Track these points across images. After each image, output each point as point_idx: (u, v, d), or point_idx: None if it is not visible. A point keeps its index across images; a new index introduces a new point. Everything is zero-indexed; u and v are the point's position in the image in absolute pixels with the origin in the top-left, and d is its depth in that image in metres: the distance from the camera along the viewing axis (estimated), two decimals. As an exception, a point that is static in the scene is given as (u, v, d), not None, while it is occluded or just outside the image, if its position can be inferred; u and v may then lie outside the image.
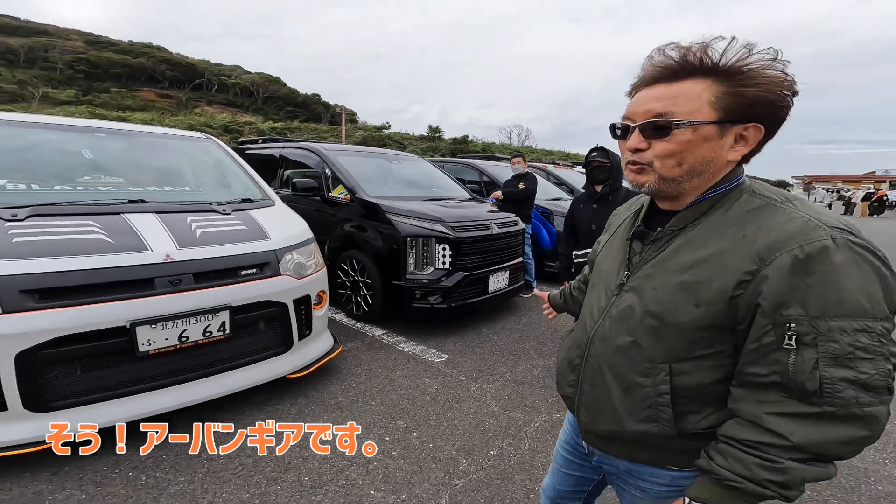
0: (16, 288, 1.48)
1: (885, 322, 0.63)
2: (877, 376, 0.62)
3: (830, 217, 0.67)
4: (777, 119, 0.70)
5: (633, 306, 0.79)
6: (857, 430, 0.63)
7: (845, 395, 0.62)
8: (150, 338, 1.72)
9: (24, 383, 1.51)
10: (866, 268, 0.63)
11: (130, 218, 1.89)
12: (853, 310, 0.62)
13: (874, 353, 0.62)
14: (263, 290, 2.09)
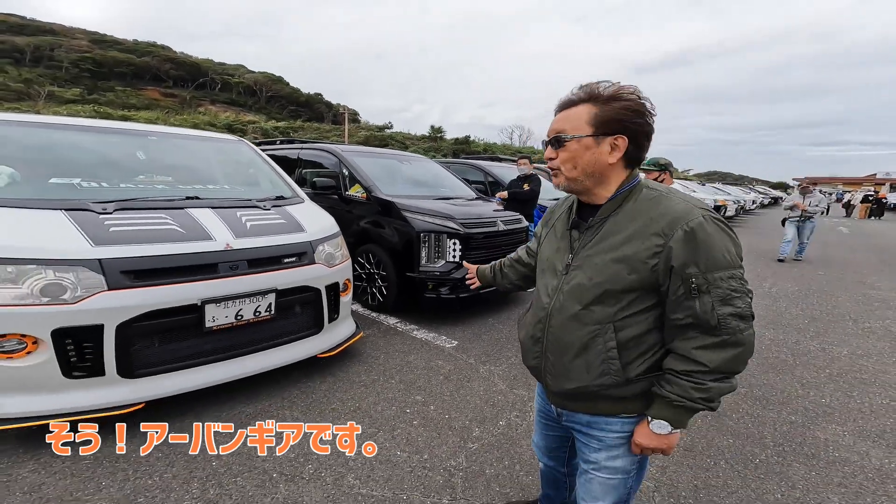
0: (118, 269, 1.76)
1: (740, 269, 0.91)
2: (744, 308, 0.89)
3: (698, 202, 0.94)
4: (638, 132, 0.95)
5: (582, 281, 0.99)
6: (743, 349, 0.90)
7: (733, 325, 0.88)
8: (214, 315, 1.99)
9: (119, 352, 1.79)
10: (724, 234, 0.91)
11: (192, 212, 2.18)
12: (725, 263, 0.89)
13: (741, 291, 0.89)
14: (302, 276, 2.37)
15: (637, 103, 0.94)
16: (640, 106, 0.94)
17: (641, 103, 0.95)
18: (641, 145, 0.98)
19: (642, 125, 0.95)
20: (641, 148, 0.98)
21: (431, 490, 1.78)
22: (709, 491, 1.84)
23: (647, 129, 0.96)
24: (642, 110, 0.95)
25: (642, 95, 0.96)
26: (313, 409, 2.33)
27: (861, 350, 3.57)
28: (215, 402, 2.28)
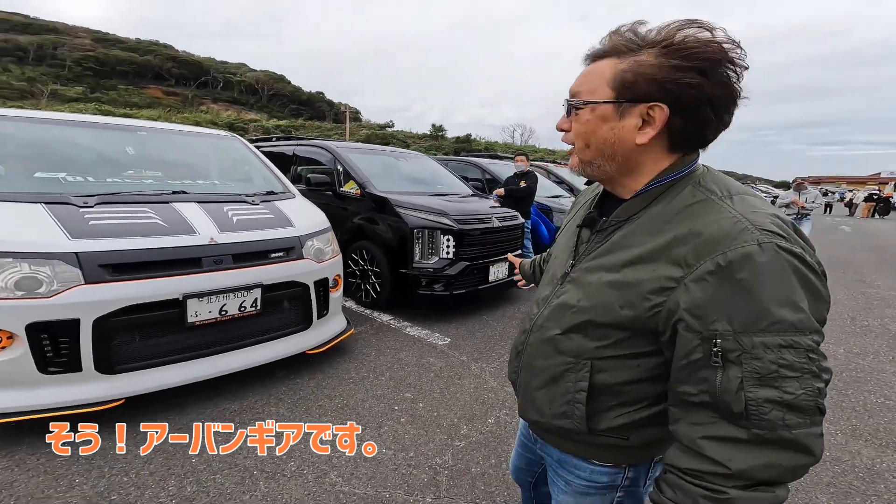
0: (95, 262, 1.75)
1: (814, 336, 0.58)
2: (803, 396, 0.56)
3: (764, 217, 0.60)
4: (691, 98, 0.62)
5: (569, 300, 0.76)
6: (791, 454, 0.58)
7: (771, 417, 0.57)
8: (197, 310, 1.98)
9: (96, 347, 1.77)
10: (792, 277, 0.57)
11: (177, 206, 2.16)
12: (777, 324, 0.56)
13: (800, 370, 0.56)
14: (289, 271, 2.35)
15: (700, 51, 0.60)
16: (704, 54, 0.60)
17: (708, 52, 0.60)
18: (700, 119, 0.64)
19: (702, 87, 0.61)
20: (701, 124, 0.64)
21: (415, 488, 1.77)
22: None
23: (714, 94, 0.62)
24: (708, 63, 0.61)
25: (715, 37, 0.61)
26: (300, 405, 2.31)
27: (858, 348, 3.53)
28: (200, 398, 2.26)
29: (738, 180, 4.11)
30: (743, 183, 4.29)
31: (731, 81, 0.62)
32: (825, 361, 0.59)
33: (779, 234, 0.58)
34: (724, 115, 0.65)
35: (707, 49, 0.61)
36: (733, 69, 0.62)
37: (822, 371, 0.58)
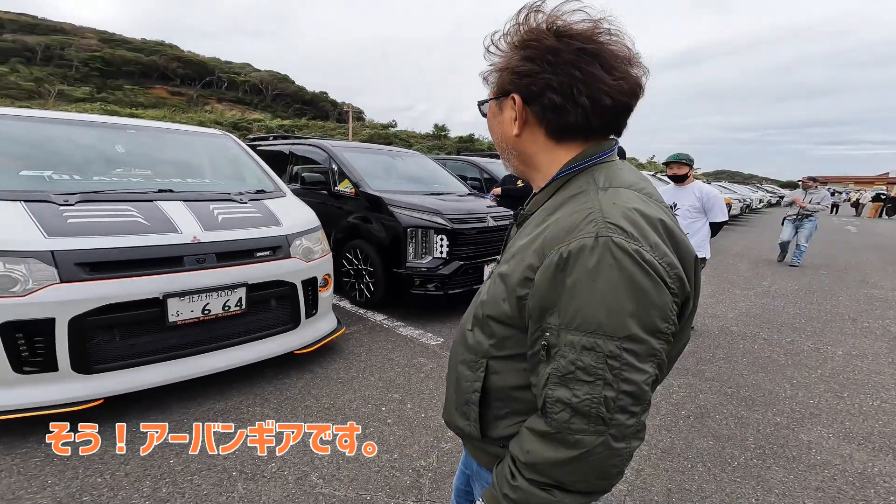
0: (72, 261, 1.74)
1: (623, 342, 0.53)
2: (587, 402, 0.54)
3: (619, 209, 0.57)
4: (527, 87, 0.62)
5: (480, 293, 0.74)
6: (561, 450, 0.57)
7: (559, 418, 0.56)
8: (178, 309, 1.97)
9: (73, 347, 1.76)
10: (617, 275, 0.53)
11: (162, 205, 2.15)
12: (586, 323, 0.54)
13: (594, 375, 0.54)
14: (275, 270, 2.34)
15: (528, 39, 0.62)
16: (531, 42, 0.61)
17: (535, 38, 0.61)
18: (548, 105, 0.62)
19: (536, 73, 0.61)
20: (554, 109, 0.62)
21: (397, 491, 1.75)
22: (682, 495, 1.78)
23: (550, 79, 0.60)
24: (535, 50, 0.61)
25: (548, 22, 0.61)
26: (286, 406, 2.30)
27: (857, 350, 3.47)
28: (182, 398, 2.25)
29: (744, 181, 4.02)
30: (748, 183, 4.21)
31: (566, 66, 0.60)
32: (635, 373, 0.54)
33: (622, 228, 0.55)
34: (577, 98, 0.60)
35: (534, 36, 0.61)
36: (558, 57, 0.60)
37: (622, 381, 0.53)
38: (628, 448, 0.57)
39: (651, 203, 0.61)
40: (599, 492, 0.60)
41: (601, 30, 0.61)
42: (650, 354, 0.55)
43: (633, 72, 0.62)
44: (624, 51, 0.61)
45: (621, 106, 0.62)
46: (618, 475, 0.59)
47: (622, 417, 0.55)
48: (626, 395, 0.54)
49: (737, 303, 4.70)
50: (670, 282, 0.55)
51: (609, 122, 0.65)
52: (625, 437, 0.56)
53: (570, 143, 0.66)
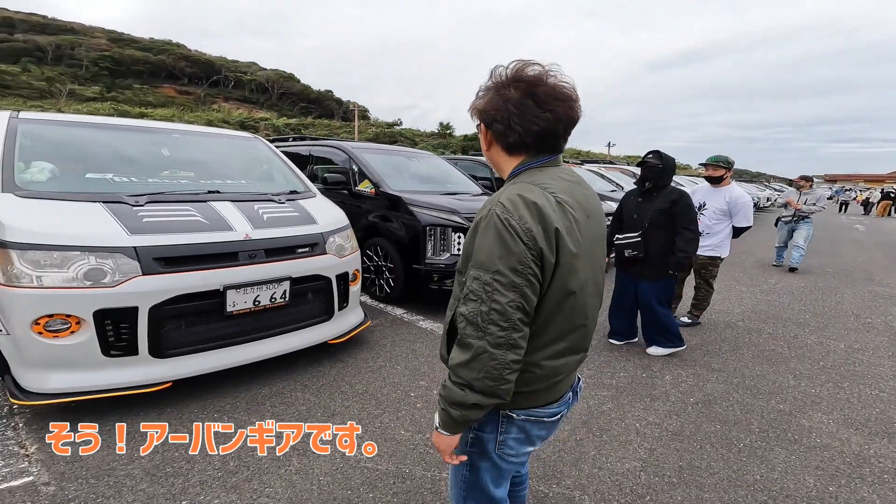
0: (151, 256, 1.95)
1: (494, 275, 0.80)
2: (472, 314, 0.81)
3: (507, 195, 0.85)
4: (485, 119, 0.92)
5: None
6: (471, 358, 0.82)
7: (460, 326, 0.84)
8: (234, 300, 2.17)
9: (151, 333, 1.97)
10: (494, 233, 0.81)
11: (215, 205, 2.36)
12: (477, 261, 0.83)
13: (477, 296, 0.81)
14: (314, 265, 2.54)
15: (482, 87, 0.93)
16: (483, 90, 0.93)
17: (484, 87, 0.92)
18: (497, 131, 0.92)
19: (486, 110, 0.92)
20: (501, 134, 0.92)
21: (432, 465, 1.93)
22: (692, 471, 1.95)
23: (495, 115, 0.90)
24: (484, 94, 0.92)
25: (494, 75, 0.90)
26: (324, 391, 2.50)
27: (858, 344, 3.61)
28: (233, 383, 2.47)
29: (752, 179, 4.18)
30: (756, 181, 4.38)
31: (500, 103, 0.88)
32: (500, 296, 0.80)
33: (503, 205, 0.83)
34: (515, 127, 0.88)
35: (492, 84, 0.91)
36: (505, 98, 0.88)
37: (491, 301, 0.80)
38: (503, 357, 0.81)
39: (537, 192, 0.86)
40: (493, 395, 0.84)
41: (544, 75, 0.88)
42: (512, 285, 0.80)
43: (559, 108, 0.87)
44: (558, 92, 0.87)
45: (548, 131, 0.89)
46: (501, 380, 0.82)
47: (494, 329, 0.81)
48: (495, 312, 0.80)
49: (743, 299, 4.85)
50: (525, 238, 0.80)
51: (541, 141, 0.91)
52: (498, 345, 0.81)
53: (517, 155, 0.95)
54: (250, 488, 1.72)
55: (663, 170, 3.03)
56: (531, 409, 0.97)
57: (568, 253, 0.85)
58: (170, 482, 1.72)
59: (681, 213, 3.00)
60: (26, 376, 1.86)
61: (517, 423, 0.97)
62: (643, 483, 1.87)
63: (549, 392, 0.97)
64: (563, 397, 1.02)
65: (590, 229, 0.93)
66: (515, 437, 0.99)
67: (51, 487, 1.66)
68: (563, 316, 0.89)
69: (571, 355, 0.97)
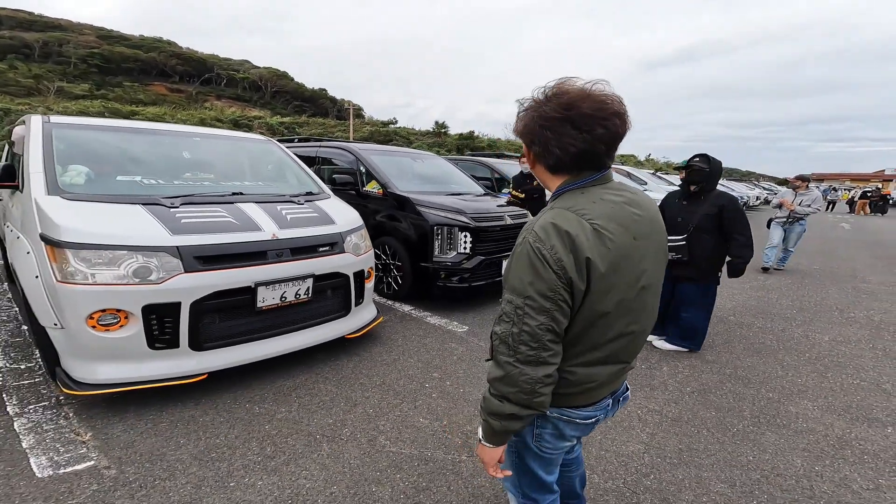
0: (191, 254, 2.07)
1: (526, 300, 0.85)
2: (504, 334, 0.88)
3: (541, 222, 0.87)
4: (528, 140, 0.94)
5: None
6: (503, 375, 0.89)
7: (494, 344, 0.91)
8: (264, 296, 2.30)
9: (191, 327, 2.09)
10: (526, 260, 0.85)
11: (242, 206, 2.48)
12: (511, 286, 0.88)
13: (509, 318, 0.87)
14: (334, 263, 2.67)
15: (521, 110, 0.95)
16: (523, 112, 0.95)
17: (525, 109, 0.94)
18: (539, 153, 0.95)
19: (529, 132, 0.94)
20: (542, 155, 0.94)
21: (451, 449, 2.08)
22: (691, 453, 2.12)
23: (536, 137, 0.92)
24: (526, 117, 0.94)
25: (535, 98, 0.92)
26: (344, 383, 2.64)
27: (842, 337, 3.83)
28: (258, 376, 2.60)
29: (742, 178, 4.43)
30: (745, 181, 4.61)
31: (542, 127, 0.89)
32: (530, 320, 0.85)
33: (536, 234, 0.86)
34: (554, 150, 0.89)
35: (530, 107, 0.92)
36: (541, 120, 0.89)
37: (522, 324, 0.85)
38: (534, 373, 0.87)
39: (573, 220, 0.86)
40: (528, 406, 0.89)
41: (583, 94, 0.86)
42: (543, 309, 0.85)
43: (597, 129, 0.86)
44: (598, 110, 0.85)
45: (588, 152, 0.89)
46: (534, 394, 0.88)
47: (524, 349, 0.86)
48: (526, 334, 0.86)
49: (734, 295, 5.07)
50: (556, 268, 0.83)
51: (581, 162, 0.91)
52: (528, 362, 0.86)
53: (560, 175, 0.96)
54: (289, 471, 1.85)
55: (710, 173, 2.99)
56: (564, 408, 1.00)
57: (599, 278, 0.86)
58: (216, 466, 1.85)
59: (733, 219, 2.99)
60: (78, 368, 1.97)
61: (551, 420, 1.02)
62: (647, 463, 2.03)
63: (584, 396, 1.00)
64: (599, 402, 1.03)
65: (638, 252, 0.91)
66: (551, 433, 1.04)
67: (112, 471, 1.78)
68: (596, 331, 0.92)
69: (607, 365, 0.98)
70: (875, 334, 3.94)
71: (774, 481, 1.94)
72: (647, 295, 0.97)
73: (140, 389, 2.10)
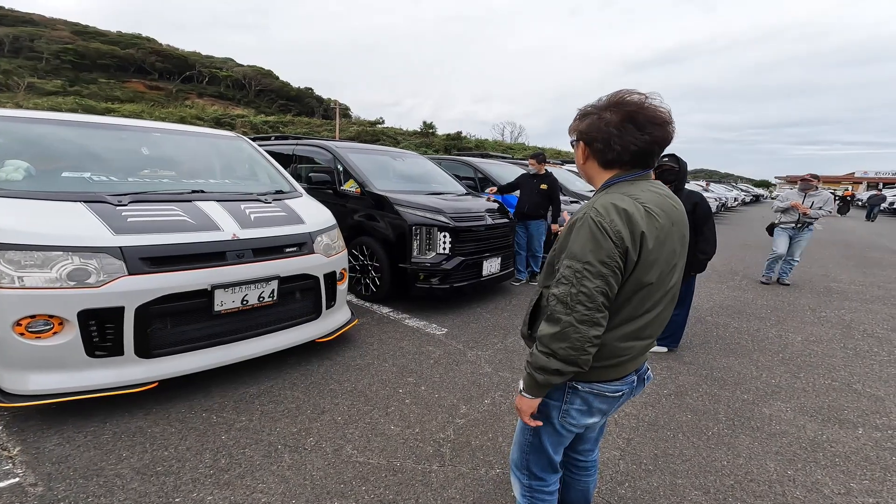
0: (137, 256, 1.92)
1: (585, 265, 0.97)
2: (562, 294, 0.99)
3: (601, 202, 1.01)
4: (586, 139, 1.08)
5: None
6: (558, 331, 0.99)
7: (550, 303, 1.02)
8: (222, 299, 2.17)
9: (137, 333, 1.95)
10: (588, 232, 0.98)
11: (200, 205, 2.34)
12: (571, 253, 1.00)
13: (567, 280, 0.99)
14: (302, 264, 2.55)
15: (583, 112, 1.10)
16: (585, 113, 1.10)
17: (587, 112, 1.09)
18: (596, 149, 1.08)
19: (588, 131, 1.08)
20: (599, 152, 1.08)
21: (422, 458, 1.99)
22: (667, 459, 2.08)
23: (594, 135, 1.06)
24: (587, 117, 1.09)
25: (597, 103, 1.08)
26: (312, 389, 2.52)
27: (814, 337, 3.89)
28: (220, 382, 2.46)
29: (721, 179, 4.51)
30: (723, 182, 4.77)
31: (602, 126, 1.04)
32: (588, 282, 0.96)
33: (597, 210, 0.99)
34: (616, 147, 1.03)
35: (586, 111, 1.09)
36: (607, 122, 1.03)
37: (581, 286, 0.97)
38: (587, 331, 0.98)
39: (629, 201, 1.01)
40: (573, 363, 1.00)
41: (644, 102, 1.02)
42: (599, 274, 0.97)
43: (656, 132, 1.02)
44: (656, 117, 1.01)
45: (645, 152, 1.04)
46: (582, 351, 0.99)
47: (581, 308, 0.97)
48: (583, 294, 0.97)
49: (712, 295, 5.12)
50: (614, 238, 0.96)
51: (637, 159, 1.05)
52: (582, 321, 0.98)
53: (612, 169, 1.10)
54: (243, 485, 1.74)
55: (681, 172, 3.02)
56: (594, 382, 1.11)
57: (648, 252, 1.00)
58: (161, 480, 1.72)
59: (706, 215, 3.07)
60: (6, 378, 1.81)
61: (581, 395, 1.12)
62: (622, 470, 1.98)
63: (614, 370, 1.11)
64: (626, 377, 1.15)
65: (673, 235, 1.06)
66: (578, 409, 1.14)
67: (38, 488, 1.64)
68: (636, 302, 1.04)
69: (637, 340, 1.09)
70: (846, 333, 4.01)
71: (748, 487, 1.92)
72: (676, 273, 1.11)
73: (81, 400, 1.94)
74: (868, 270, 7.23)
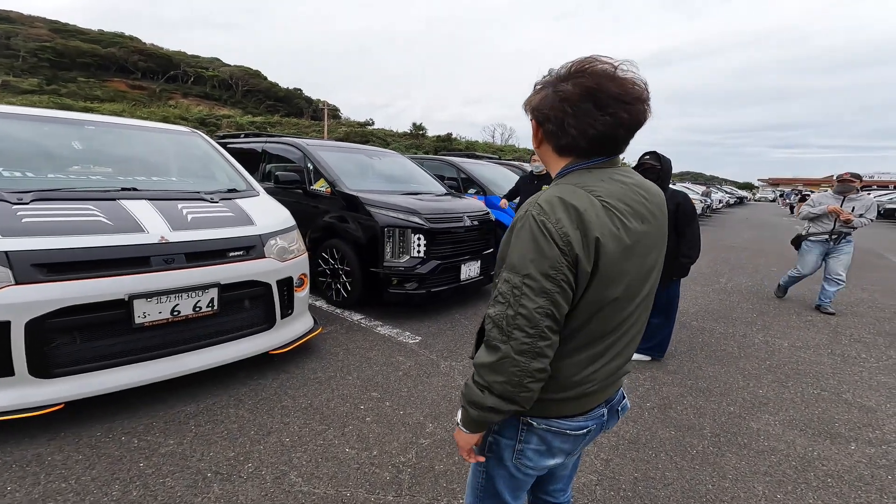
0: (28, 262, 1.66)
1: (525, 279, 0.75)
2: (497, 317, 0.78)
3: (545, 196, 0.79)
4: (541, 121, 0.86)
5: None
6: (495, 361, 0.78)
7: (487, 328, 0.81)
8: (145, 310, 1.90)
9: (30, 351, 1.68)
10: (528, 235, 0.76)
11: (126, 204, 2.07)
12: (509, 264, 0.78)
13: (505, 299, 0.77)
14: (249, 270, 2.30)
15: (537, 83, 0.87)
16: (539, 86, 0.87)
17: (541, 83, 0.87)
18: (550, 131, 0.86)
19: (540, 109, 0.86)
20: (553, 134, 0.85)
21: (377, 487, 1.77)
22: (647, 483, 1.89)
23: (549, 114, 0.84)
24: (541, 92, 0.86)
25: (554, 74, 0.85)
26: (262, 406, 2.27)
27: (800, 342, 3.76)
28: (150, 401, 2.19)
29: (705, 182, 4.29)
30: (708, 185, 4.58)
31: (556, 102, 0.81)
32: (528, 301, 0.75)
33: (540, 207, 0.78)
34: (569, 129, 0.81)
35: (548, 81, 0.84)
36: (561, 97, 0.80)
37: (518, 306, 0.76)
38: (527, 364, 0.77)
39: (581, 195, 0.79)
40: (511, 401, 0.80)
41: (610, 73, 0.78)
42: (543, 291, 0.75)
43: (622, 112, 0.78)
44: (624, 93, 0.78)
45: (607, 136, 0.80)
46: (521, 387, 0.78)
47: (519, 335, 0.76)
48: (522, 318, 0.76)
49: (697, 299, 4.99)
50: (560, 243, 0.74)
51: (597, 146, 0.82)
52: (522, 352, 0.76)
53: (567, 156, 0.87)
54: (156, 528, 1.49)
55: (663, 170, 2.83)
56: (552, 419, 0.90)
57: (609, 262, 0.78)
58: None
59: (691, 215, 2.91)
60: None
61: (537, 433, 0.91)
62: (598, 498, 1.78)
63: (575, 403, 0.89)
64: (593, 411, 0.93)
65: (644, 237, 0.84)
66: (535, 448, 0.92)
67: None
68: (600, 321, 0.83)
69: (602, 366, 0.88)
70: (833, 339, 3.89)
71: (735, 514, 1.73)
72: (650, 280, 0.90)
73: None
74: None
